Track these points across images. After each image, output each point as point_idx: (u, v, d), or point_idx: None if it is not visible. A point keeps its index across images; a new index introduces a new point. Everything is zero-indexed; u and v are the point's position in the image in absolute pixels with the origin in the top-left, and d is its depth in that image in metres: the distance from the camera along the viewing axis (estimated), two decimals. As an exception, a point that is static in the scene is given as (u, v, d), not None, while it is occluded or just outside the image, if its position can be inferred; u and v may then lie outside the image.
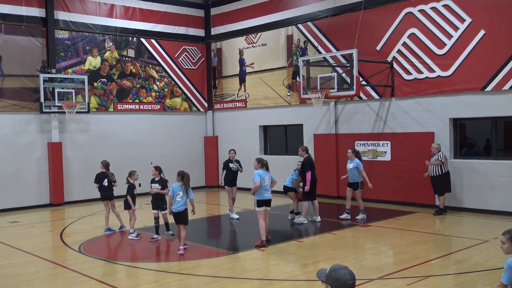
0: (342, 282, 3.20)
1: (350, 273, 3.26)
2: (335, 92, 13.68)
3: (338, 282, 3.22)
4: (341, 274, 3.23)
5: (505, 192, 12.25)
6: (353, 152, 12.36)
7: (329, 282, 3.27)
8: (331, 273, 3.28)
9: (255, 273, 8.04)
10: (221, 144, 19.75)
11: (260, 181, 9.63)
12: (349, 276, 3.23)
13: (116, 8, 17.61)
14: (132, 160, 17.83)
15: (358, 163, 12.21)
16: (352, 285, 3.24)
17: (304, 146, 12.23)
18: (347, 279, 3.21)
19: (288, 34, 17.14)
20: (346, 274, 3.23)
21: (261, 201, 9.77)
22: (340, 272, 3.25)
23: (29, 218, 13.85)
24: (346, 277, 3.22)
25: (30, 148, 15.69)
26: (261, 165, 9.85)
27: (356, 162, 12.23)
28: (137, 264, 8.65)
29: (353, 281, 3.24)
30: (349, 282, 3.22)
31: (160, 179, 10.64)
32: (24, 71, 15.59)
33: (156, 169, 10.74)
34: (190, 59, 19.67)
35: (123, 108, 17.81)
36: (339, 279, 3.22)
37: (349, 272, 3.27)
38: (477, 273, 7.67)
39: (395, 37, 14.19)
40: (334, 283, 3.23)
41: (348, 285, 3.21)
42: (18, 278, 8.00)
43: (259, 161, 9.93)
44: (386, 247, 9.70)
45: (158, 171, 10.73)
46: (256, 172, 9.75)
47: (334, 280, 3.23)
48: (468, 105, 12.89)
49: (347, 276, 3.22)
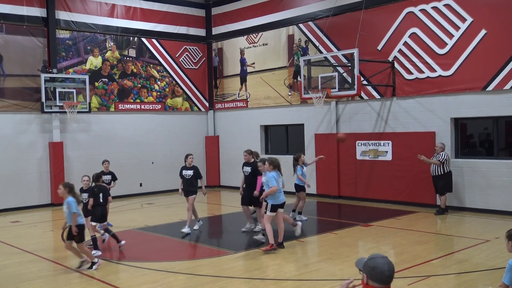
0: (378, 271, 3.04)
1: (389, 264, 3.07)
2: (336, 92, 13.67)
3: (374, 271, 3.05)
4: (378, 263, 3.06)
5: (506, 191, 12.23)
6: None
7: (366, 271, 3.09)
8: (368, 261, 3.11)
9: (256, 272, 8.04)
10: (222, 144, 19.76)
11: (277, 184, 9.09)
12: (386, 267, 3.04)
13: (117, 8, 17.62)
14: (133, 160, 17.87)
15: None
16: (389, 276, 3.05)
17: (249, 150, 11.17)
18: (384, 269, 3.03)
19: (289, 33, 17.13)
20: (384, 264, 3.05)
21: (276, 205, 9.20)
22: (377, 260, 3.08)
23: (31, 218, 13.86)
24: (384, 267, 3.04)
25: (31, 148, 15.70)
26: (274, 167, 9.19)
27: None
28: (138, 264, 8.65)
29: (390, 273, 3.05)
30: (386, 273, 3.03)
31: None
32: (25, 71, 15.60)
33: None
34: (191, 59, 19.67)
35: (124, 108, 17.82)
36: (376, 267, 3.05)
37: (387, 262, 3.07)
38: (478, 273, 7.66)
39: (396, 36, 14.18)
40: (370, 272, 3.06)
41: (384, 275, 3.03)
42: (19, 278, 8.01)
43: (271, 162, 9.24)
44: (387, 247, 9.70)
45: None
46: (271, 175, 9.10)
47: (371, 269, 3.06)
48: (469, 105, 12.87)
49: (384, 266, 3.04)
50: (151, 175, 18.31)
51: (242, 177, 11.15)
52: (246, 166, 10.97)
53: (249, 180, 10.87)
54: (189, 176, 11.05)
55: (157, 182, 18.20)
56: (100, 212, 9.51)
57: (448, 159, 12.51)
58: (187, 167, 11.21)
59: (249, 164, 10.92)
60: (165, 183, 18.22)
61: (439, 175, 12.51)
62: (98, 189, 9.60)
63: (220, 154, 19.79)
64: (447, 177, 12.55)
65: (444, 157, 12.44)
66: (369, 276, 3.06)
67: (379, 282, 3.07)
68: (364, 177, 15.00)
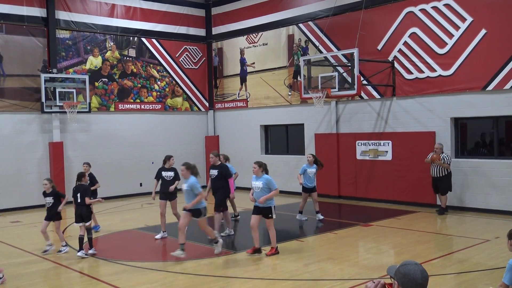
0: (410, 278, 2.86)
1: (422, 271, 2.89)
2: (336, 92, 13.67)
3: (406, 278, 2.88)
4: (410, 270, 2.88)
5: (507, 191, 12.23)
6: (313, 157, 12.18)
7: (397, 277, 2.93)
8: (400, 267, 2.94)
9: (256, 272, 8.03)
10: (222, 143, 19.76)
11: None
12: (419, 274, 2.87)
13: (117, 7, 17.62)
14: (133, 160, 17.88)
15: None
16: (422, 284, 2.86)
17: (215, 152, 10.91)
18: (417, 277, 2.86)
19: (289, 33, 17.13)
20: (417, 271, 2.88)
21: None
22: (409, 267, 2.89)
23: (31, 218, 13.86)
24: (416, 274, 2.86)
25: (31, 148, 15.70)
26: (263, 169, 8.89)
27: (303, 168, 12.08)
28: (139, 264, 8.65)
29: (424, 281, 2.87)
30: (419, 281, 2.86)
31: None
32: (25, 71, 15.60)
33: None
34: (191, 59, 19.67)
35: (124, 108, 17.82)
36: (408, 274, 2.88)
37: (420, 269, 2.89)
38: (478, 273, 7.66)
39: (396, 36, 14.18)
40: (401, 279, 2.89)
41: (417, 283, 2.86)
42: (19, 278, 8.01)
43: (260, 164, 8.90)
44: (387, 247, 9.70)
45: None
46: (270, 178, 8.83)
47: (402, 275, 2.89)
48: (469, 105, 12.87)
49: (417, 273, 2.87)
50: (151, 175, 18.01)
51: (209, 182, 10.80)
52: (212, 169, 10.61)
53: (215, 184, 10.51)
54: (170, 178, 10.58)
55: (157, 182, 18.16)
56: (79, 212, 9.28)
57: (450, 159, 12.55)
58: (166, 168, 10.69)
59: (215, 167, 10.57)
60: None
61: (443, 176, 12.45)
62: (77, 188, 9.49)
63: (220, 154, 19.77)
64: (449, 177, 12.55)
65: (450, 158, 12.49)
66: (400, 283, 2.91)
67: None
68: (364, 177, 15.00)
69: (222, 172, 10.41)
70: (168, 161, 10.82)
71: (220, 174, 10.40)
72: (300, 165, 17.39)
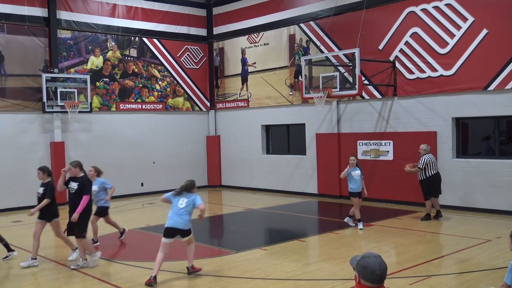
0: (369, 270, 3.00)
1: (380, 263, 3.02)
2: (338, 92, 13.67)
3: (365, 270, 3.01)
4: (370, 263, 3.01)
5: (508, 191, 12.21)
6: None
7: (358, 270, 3.06)
8: (360, 260, 3.07)
9: (257, 272, 8.03)
10: (223, 143, 19.76)
11: None
12: (377, 266, 2.99)
13: (118, 7, 17.63)
14: (134, 160, 17.89)
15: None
16: (380, 276, 3.00)
17: (76, 161, 8.86)
18: (375, 269, 2.99)
19: (290, 33, 17.12)
20: (375, 263, 3.00)
21: None
22: (369, 260, 3.03)
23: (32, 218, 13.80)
24: (375, 266, 2.99)
25: (33, 147, 15.71)
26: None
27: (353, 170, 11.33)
28: (139, 263, 8.66)
29: (382, 272, 3.01)
30: (377, 272, 2.99)
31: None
32: (27, 70, 15.62)
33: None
34: (192, 59, 19.67)
35: (126, 107, 17.83)
36: (367, 267, 3.01)
37: (379, 261, 3.03)
38: (479, 273, 7.65)
39: (397, 36, 14.17)
40: (362, 271, 3.03)
41: (375, 275, 2.99)
42: (20, 278, 8.02)
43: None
44: (388, 247, 9.69)
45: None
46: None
47: (362, 268, 3.03)
48: (471, 104, 12.86)
49: (375, 265, 2.99)
50: (152, 175, 18.32)
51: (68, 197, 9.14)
52: (73, 182, 8.69)
53: (75, 200, 8.57)
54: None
55: (158, 182, 18.18)
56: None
57: (429, 162, 11.68)
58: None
59: (76, 179, 8.66)
60: (166, 183, 18.20)
61: (421, 180, 11.84)
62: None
63: (221, 154, 19.79)
64: (429, 181, 11.72)
65: (424, 162, 11.62)
66: (360, 275, 3.04)
67: (370, 281, 3.04)
68: (365, 177, 14.90)
69: (81, 186, 8.59)
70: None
71: (80, 188, 8.57)
72: (302, 165, 17.42)
